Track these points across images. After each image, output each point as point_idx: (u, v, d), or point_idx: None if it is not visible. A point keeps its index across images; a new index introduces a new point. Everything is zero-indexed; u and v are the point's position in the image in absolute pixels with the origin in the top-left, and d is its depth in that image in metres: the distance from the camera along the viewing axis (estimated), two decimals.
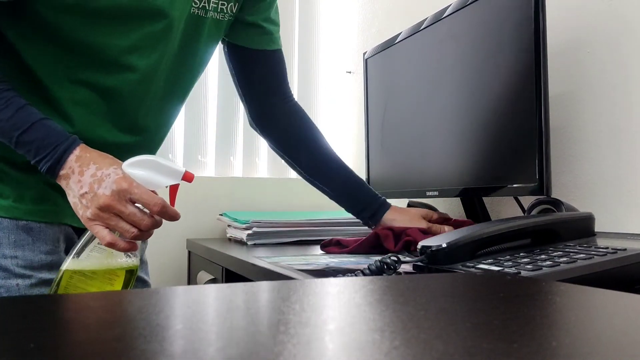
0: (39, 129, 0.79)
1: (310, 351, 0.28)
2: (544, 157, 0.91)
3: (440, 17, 1.19)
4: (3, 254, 0.85)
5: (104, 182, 0.77)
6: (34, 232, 0.88)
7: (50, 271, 0.89)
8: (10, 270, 0.85)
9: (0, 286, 0.84)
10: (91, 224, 0.78)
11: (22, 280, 0.86)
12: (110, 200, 0.76)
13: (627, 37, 1.02)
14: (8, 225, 0.86)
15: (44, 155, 0.78)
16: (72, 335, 0.30)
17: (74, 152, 0.79)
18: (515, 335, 0.31)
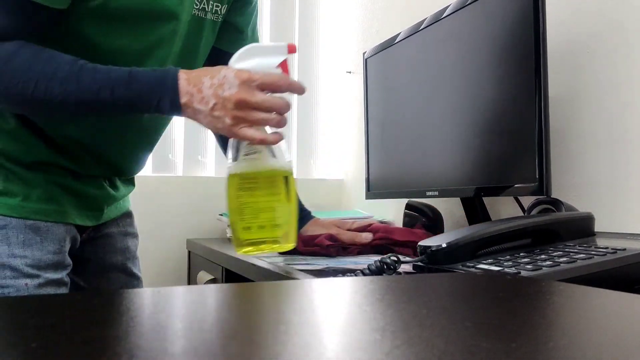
0: (136, 78, 0.78)
1: (310, 351, 0.28)
2: (544, 157, 0.91)
3: (440, 17, 1.19)
4: (12, 253, 0.85)
5: (224, 84, 0.77)
6: (42, 232, 0.88)
7: (56, 271, 0.89)
8: (20, 270, 0.85)
9: (10, 286, 0.84)
10: (235, 130, 0.78)
11: (31, 280, 0.86)
12: (240, 94, 0.76)
13: (627, 38, 1.02)
14: (16, 224, 0.86)
15: (159, 98, 0.78)
16: (75, 334, 0.30)
17: (181, 77, 0.78)
18: (515, 334, 0.31)
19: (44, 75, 0.77)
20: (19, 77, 0.77)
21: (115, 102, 0.78)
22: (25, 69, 0.77)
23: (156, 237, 1.73)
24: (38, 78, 0.77)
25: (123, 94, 0.77)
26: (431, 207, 1.32)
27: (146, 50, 0.88)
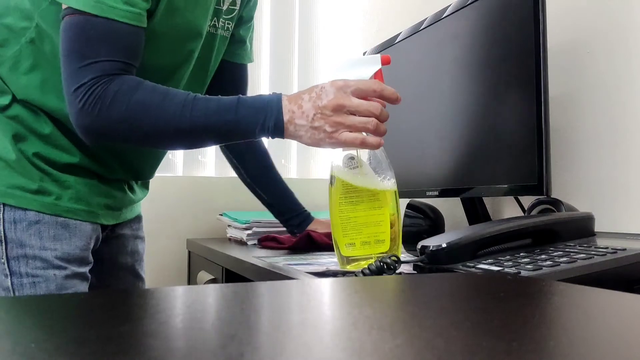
0: (244, 104, 0.84)
1: (310, 351, 0.28)
2: (544, 157, 0.91)
3: (440, 17, 1.19)
4: (44, 246, 0.93)
5: (322, 93, 0.81)
6: (71, 229, 0.96)
7: (81, 265, 0.97)
8: (49, 262, 0.93)
9: (40, 275, 0.92)
10: (337, 136, 0.80)
11: (59, 271, 0.94)
12: (337, 99, 0.80)
13: (627, 37, 1.02)
14: (49, 220, 0.94)
15: (265, 117, 0.82)
16: (79, 333, 0.30)
17: (283, 99, 0.83)
18: (515, 334, 0.31)
19: (162, 110, 0.84)
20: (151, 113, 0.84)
21: (224, 126, 0.83)
22: (150, 103, 0.84)
23: (156, 237, 1.73)
24: (157, 111, 0.83)
25: (232, 118, 0.83)
26: (432, 207, 1.32)
27: (174, 66, 0.97)
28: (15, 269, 0.92)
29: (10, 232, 0.92)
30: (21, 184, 0.93)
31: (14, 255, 0.92)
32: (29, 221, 0.93)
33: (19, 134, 0.94)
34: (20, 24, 0.93)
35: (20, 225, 0.93)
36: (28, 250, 0.93)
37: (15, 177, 0.93)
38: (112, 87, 0.83)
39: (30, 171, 0.94)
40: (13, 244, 0.92)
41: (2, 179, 0.93)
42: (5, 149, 0.93)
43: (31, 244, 0.93)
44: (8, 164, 0.93)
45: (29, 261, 0.92)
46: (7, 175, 0.93)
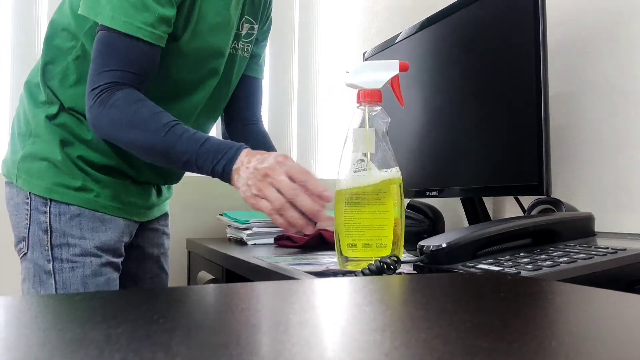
0: (209, 142, 0.94)
1: (310, 351, 0.28)
2: (543, 157, 0.91)
3: (440, 17, 1.19)
4: (83, 236, 1.07)
5: (265, 159, 0.90)
6: (106, 222, 1.10)
7: (114, 255, 1.11)
8: (87, 250, 1.07)
9: (78, 261, 1.06)
10: (257, 200, 0.89)
11: (95, 259, 1.07)
12: (269, 169, 0.88)
13: (627, 37, 1.02)
14: (88, 214, 1.08)
15: (220, 158, 0.92)
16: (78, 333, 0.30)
17: (243, 151, 0.92)
18: (515, 335, 0.31)
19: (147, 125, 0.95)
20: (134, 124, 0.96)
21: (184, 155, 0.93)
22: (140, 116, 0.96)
23: None
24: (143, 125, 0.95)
25: (193, 151, 0.93)
26: (432, 207, 1.32)
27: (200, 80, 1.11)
28: (57, 255, 1.06)
29: (55, 223, 1.07)
30: (66, 182, 1.07)
31: (57, 243, 1.06)
32: (72, 214, 1.07)
33: (66, 139, 1.08)
34: (67, 44, 1.07)
35: (64, 217, 1.07)
36: (70, 239, 1.07)
37: (61, 176, 1.07)
38: (117, 94, 0.96)
39: (73, 171, 1.08)
40: (57, 233, 1.06)
41: (49, 177, 1.07)
42: (53, 152, 1.07)
43: (72, 234, 1.07)
44: (55, 165, 1.07)
45: (70, 248, 1.06)
46: (54, 175, 1.07)
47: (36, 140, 1.09)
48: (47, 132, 1.08)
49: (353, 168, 0.84)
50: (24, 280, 1.09)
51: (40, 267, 1.06)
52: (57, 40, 1.08)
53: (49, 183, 1.07)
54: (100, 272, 1.08)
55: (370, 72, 0.88)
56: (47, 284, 1.06)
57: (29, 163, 1.09)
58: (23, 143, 1.10)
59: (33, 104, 1.11)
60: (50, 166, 1.07)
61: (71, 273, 1.06)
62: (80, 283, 1.06)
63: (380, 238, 0.82)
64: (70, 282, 1.05)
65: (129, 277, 1.22)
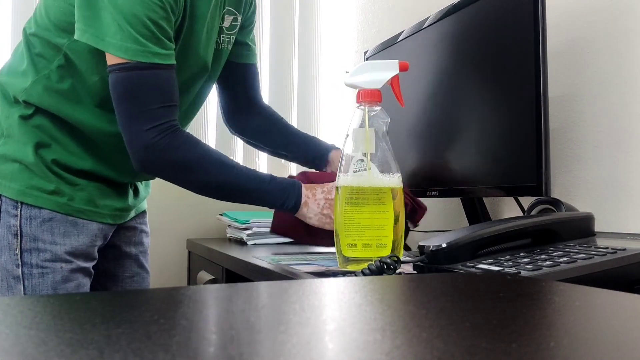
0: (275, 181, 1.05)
1: (310, 351, 0.28)
2: (543, 157, 0.91)
3: (440, 17, 1.19)
4: (54, 241, 1.05)
5: (332, 190, 1.03)
6: (79, 227, 1.07)
7: (86, 260, 1.09)
8: (58, 255, 1.05)
9: (48, 267, 1.04)
10: None
11: (65, 264, 1.05)
12: None
13: (627, 38, 1.02)
14: (60, 219, 1.05)
15: (288, 195, 1.04)
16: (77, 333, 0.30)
17: (303, 187, 1.05)
18: (515, 335, 0.31)
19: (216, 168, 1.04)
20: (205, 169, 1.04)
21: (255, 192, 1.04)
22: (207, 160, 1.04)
23: (156, 237, 1.73)
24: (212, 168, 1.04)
25: (265, 188, 1.04)
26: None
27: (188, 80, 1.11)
28: (27, 260, 1.03)
29: (25, 227, 1.04)
30: (39, 185, 1.04)
31: (27, 248, 1.04)
32: (43, 218, 1.04)
33: (41, 141, 1.05)
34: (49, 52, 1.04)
35: (35, 221, 1.04)
36: (40, 244, 1.04)
37: (34, 178, 1.04)
38: (181, 136, 1.01)
39: (47, 174, 1.05)
40: (27, 237, 1.03)
41: (22, 180, 1.04)
42: (26, 154, 1.04)
43: (43, 239, 1.04)
44: (27, 167, 1.04)
45: (40, 254, 1.03)
46: (27, 177, 1.04)
47: (7, 141, 1.05)
48: (21, 133, 1.05)
49: (353, 168, 0.84)
50: None
51: (9, 271, 1.03)
52: (37, 49, 1.05)
53: (21, 185, 1.04)
54: (70, 278, 1.05)
55: (370, 72, 0.88)
56: (16, 289, 1.03)
57: (1, 164, 1.05)
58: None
59: (7, 103, 1.07)
60: (23, 168, 1.04)
61: (41, 279, 1.03)
62: (50, 289, 1.03)
63: (380, 238, 0.82)
64: (39, 288, 1.03)
65: (108, 277, 1.21)
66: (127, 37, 0.94)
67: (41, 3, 1.07)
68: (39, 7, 1.07)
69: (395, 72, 0.89)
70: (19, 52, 1.09)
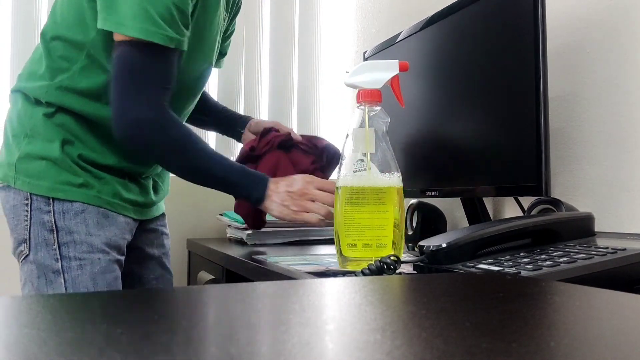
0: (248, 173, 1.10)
1: (310, 351, 0.28)
2: (543, 157, 0.91)
3: (440, 17, 1.19)
4: (89, 232, 1.07)
5: (294, 182, 1.09)
6: (109, 219, 1.10)
7: (119, 253, 1.12)
8: (95, 246, 1.07)
9: (86, 258, 1.06)
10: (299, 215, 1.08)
11: (103, 255, 1.08)
12: (303, 189, 1.08)
13: (627, 38, 1.02)
14: (92, 210, 1.08)
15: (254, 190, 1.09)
16: (78, 333, 0.30)
17: (270, 181, 1.09)
18: (515, 334, 0.31)
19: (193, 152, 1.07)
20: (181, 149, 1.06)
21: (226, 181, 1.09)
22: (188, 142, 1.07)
23: None
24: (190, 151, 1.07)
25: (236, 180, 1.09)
26: (433, 208, 1.32)
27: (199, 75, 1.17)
28: (65, 253, 1.05)
29: (60, 221, 1.06)
30: (68, 179, 1.07)
31: (64, 241, 1.06)
32: (76, 211, 1.07)
33: (65, 138, 1.08)
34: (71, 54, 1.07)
35: (68, 214, 1.06)
36: (76, 236, 1.06)
37: (62, 174, 1.07)
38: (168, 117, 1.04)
39: (74, 169, 1.08)
40: (63, 231, 1.06)
41: (51, 176, 1.07)
42: (52, 150, 1.07)
43: (78, 231, 1.06)
44: (55, 163, 1.07)
45: (77, 246, 1.06)
46: (56, 173, 1.07)
47: (32, 140, 1.08)
48: (46, 131, 1.08)
49: (353, 168, 0.84)
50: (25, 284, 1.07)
51: (48, 267, 1.05)
52: (59, 52, 1.07)
53: (51, 182, 1.06)
54: (108, 269, 1.08)
55: (370, 72, 0.88)
56: (56, 283, 1.05)
57: (27, 163, 1.07)
58: (18, 144, 1.09)
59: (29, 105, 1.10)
60: (50, 165, 1.07)
61: (80, 271, 1.05)
62: (90, 280, 1.05)
63: (380, 238, 0.82)
64: (79, 280, 1.05)
65: (134, 279, 1.23)
66: (148, 18, 0.97)
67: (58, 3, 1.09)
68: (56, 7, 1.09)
69: (396, 72, 0.89)
70: (37, 57, 1.11)
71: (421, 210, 1.30)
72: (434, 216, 1.31)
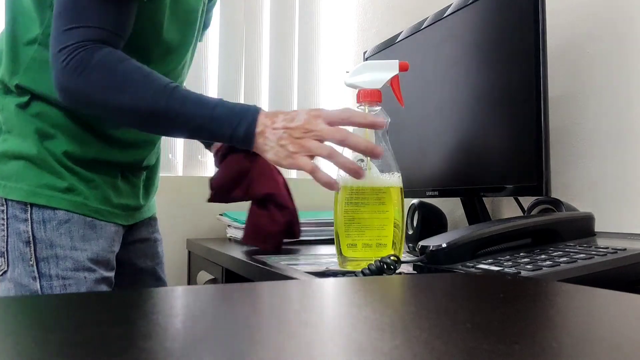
0: (223, 104, 0.85)
1: (310, 351, 0.28)
2: (543, 157, 0.91)
3: (440, 16, 1.19)
4: (74, 246, 0.91)
5: (295, 116, 0.83)
6: (97, 229, 0.94)
7: (107, 269, 0.95)
8: (81, 262, 0.91)
9: (71, 277, 0.90)
10: (296, 158, 0.82)
11: (89, 274, 0.91)
12: (306, 123, 0.82)
13: (627, 38, 1.02)
14: (78, 220, 0.91)
15: (239, 121, 0.83)
16: (78, 333, 0.30)
17: (261, 112, 0.84)
18: (515, 335, 0.31)
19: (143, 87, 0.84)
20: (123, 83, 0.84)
21: (197, 119, 0.84)
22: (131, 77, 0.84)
23: None
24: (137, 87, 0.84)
25: (207, 114, 0.83)
26: (434, 207, 1.32)
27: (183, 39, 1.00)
28: (45, 271, 0.88)
29: (39, 231, 0.89)
30: (50, 182, 0.90)
31: (43, 256, 0.89)
32: (59, 220, 0.90)
33: (44, 132, 0.91)
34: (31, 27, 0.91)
35: (49, 224, 0.90)
36: (59, 250, 0.89)
37: (43, 175, 0.90)
38: (99, 53, 0.83)
39: (57, 169, 0.91)
40: (42, 244, 0.89)
41: (29, 178, 0.90)
42: (30, 147, 0.90)
43: (62, 244, 0.90)
44: (34, 163, 0.90)
45: (59, 262, 0.89)
46: (35, 175, 0.90)
47: (7, 137, 0.91)
48: (21, 124, 0.91)
49: None
50: None
51: (25, 286, 0.88)
52: (18, 29, 0.91)
53: (29, 185, 0.90)
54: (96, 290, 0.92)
55: (370, 72, 0.88)
56: None
57: (1, 164, 0.91)
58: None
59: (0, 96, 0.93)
60: (28, 165, 0.90)
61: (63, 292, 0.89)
62: None
63: (380, 238, 0.82)
64: None
65: None
66: None
67: None
68: None
69: (396, 72, 0.88)
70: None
71: (421, 210, 1.30)
72: (434, 216, 1.31)
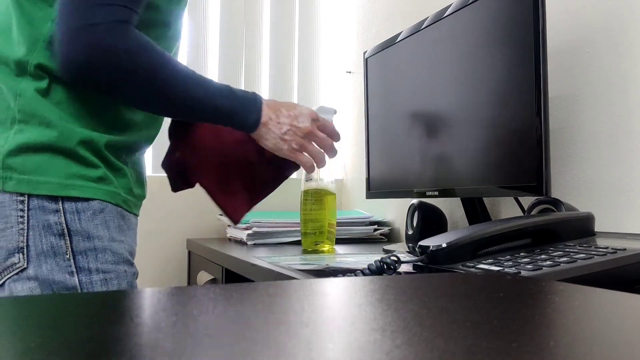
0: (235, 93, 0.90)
1: (310, 351, 0.28)
2: (543, 157, 0.91)
3: (440, 16, 1.19)
4: (112, 237, 0.85)
5: (300, 117, 0.95)
6: (126, 220, 0.90)
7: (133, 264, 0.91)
8: (120, 255, 0.86)
9: (111, 271, 0.85)
10: (297, 154, 0.96)
11: (129, 268, 0.88)
12: (311, 127, 0.96)
13: (627, 38, 1.02)
14: (112, 210, 0.86)
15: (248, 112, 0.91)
16: (78, 333, 0.30)
17: (263, 103, 0.93)
18: (515, 334, 0.31)
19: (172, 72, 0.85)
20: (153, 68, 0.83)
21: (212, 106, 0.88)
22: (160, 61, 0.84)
23: (156, 237, 1.73)
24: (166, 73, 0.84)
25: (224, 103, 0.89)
26: (434, 208, 1.32)
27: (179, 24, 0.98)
28: (84, 265, 0.82)
29: (73, 223, 0.82)
30: (82, 172, 0.83)
31: (80, 249, 0.82)
32: (94, 210, 0.84)
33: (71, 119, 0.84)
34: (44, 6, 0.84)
35: (84, 214, 0.83)
36: (97, 242, 0.83)
37: (73, 166, 0.83)
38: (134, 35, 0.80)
39: (90, 159, 0.84)
40: (78, 236, 0.82)
41: (58, 170, 0.82)
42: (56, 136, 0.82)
43: (99, 235, 0.84)
44: (62, 153, 0.83)
45: (99, 255, 0.83)
46: (64, 166, 0.83)
47: (25, 127, 0.83)
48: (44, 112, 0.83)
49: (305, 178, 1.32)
50: None
51: (58, 282, 0.81)
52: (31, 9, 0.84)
53: (59, 177, 0.82)
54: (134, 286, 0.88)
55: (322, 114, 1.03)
56: None
57: (22, 158, 0.82)
58: (4, 134, 0.83)
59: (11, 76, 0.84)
60: (55, 156, 0.82)
61: (104, 287, 0.83)
62: None
63: (321, 227, 1.31)
64: None
65: None
66: None
67: None
68: None
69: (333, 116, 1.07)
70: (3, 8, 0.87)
71: (421, 210, 1.30)
72: (434, 216, 1.31)
